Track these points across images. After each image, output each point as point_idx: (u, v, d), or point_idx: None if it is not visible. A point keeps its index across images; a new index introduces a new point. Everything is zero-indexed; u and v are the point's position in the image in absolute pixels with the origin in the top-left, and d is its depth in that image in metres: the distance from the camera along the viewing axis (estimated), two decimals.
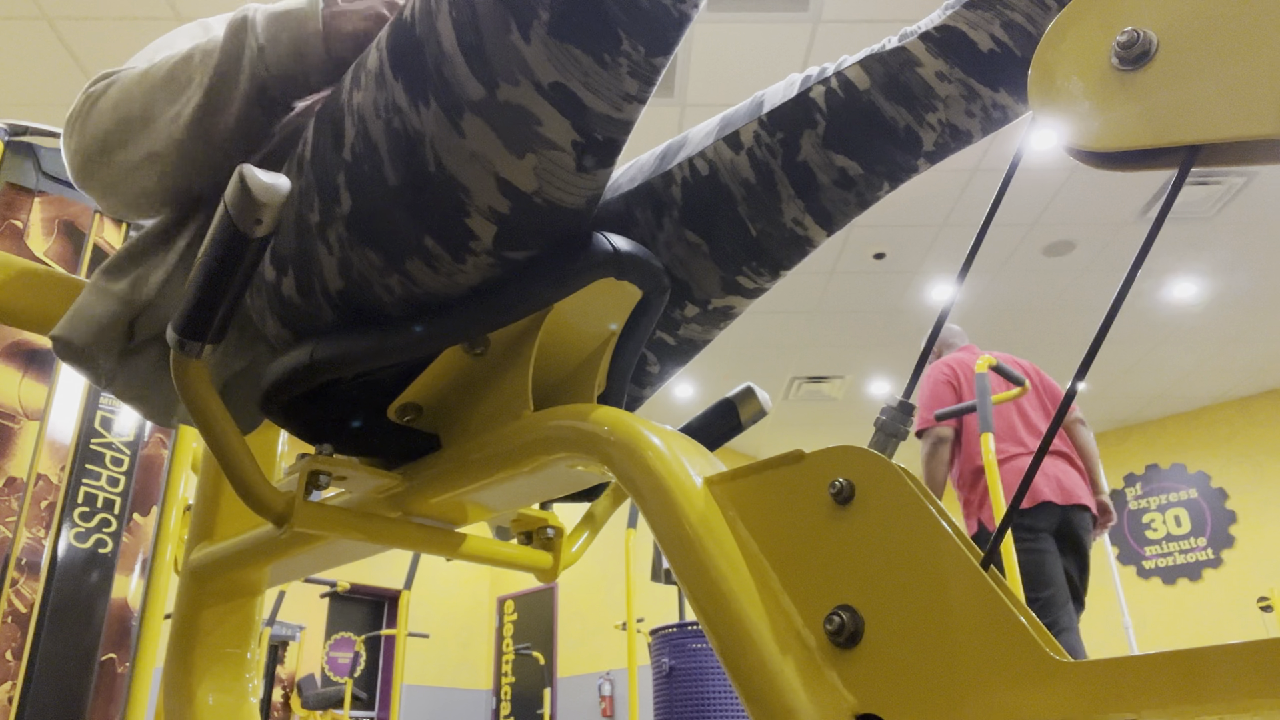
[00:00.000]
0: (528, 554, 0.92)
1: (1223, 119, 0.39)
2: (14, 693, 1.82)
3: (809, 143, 0.72)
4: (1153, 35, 0.42)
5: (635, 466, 0.57)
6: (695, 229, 0.75)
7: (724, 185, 0.74)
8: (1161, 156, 0.41)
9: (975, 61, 0.69)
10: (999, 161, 4.65)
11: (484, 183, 0.62)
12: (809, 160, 0.72)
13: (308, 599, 7.23)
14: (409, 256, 0.66)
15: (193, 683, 0.93)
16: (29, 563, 1.91)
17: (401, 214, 0.64)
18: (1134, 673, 0.37)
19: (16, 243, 2.06)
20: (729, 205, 0.74)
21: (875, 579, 0.46)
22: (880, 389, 7.39)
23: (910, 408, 0.56)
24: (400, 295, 0.69)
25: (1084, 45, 0.44)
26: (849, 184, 0.73)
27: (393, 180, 0.64)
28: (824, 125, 0.71)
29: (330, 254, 0.69)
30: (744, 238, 0.75)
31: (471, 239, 0.65)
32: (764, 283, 0.79)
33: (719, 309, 0.80)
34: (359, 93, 0.67)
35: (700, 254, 0.75)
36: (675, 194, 0.75)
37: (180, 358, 0.68)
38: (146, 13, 3.75)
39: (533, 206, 0.64)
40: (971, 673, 0.41)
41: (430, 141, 0.62)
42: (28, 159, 2.13)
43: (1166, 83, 0.41)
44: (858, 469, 0.49)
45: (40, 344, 2.05)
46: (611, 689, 7.37)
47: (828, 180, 0.73)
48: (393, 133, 0.63)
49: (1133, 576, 7.82)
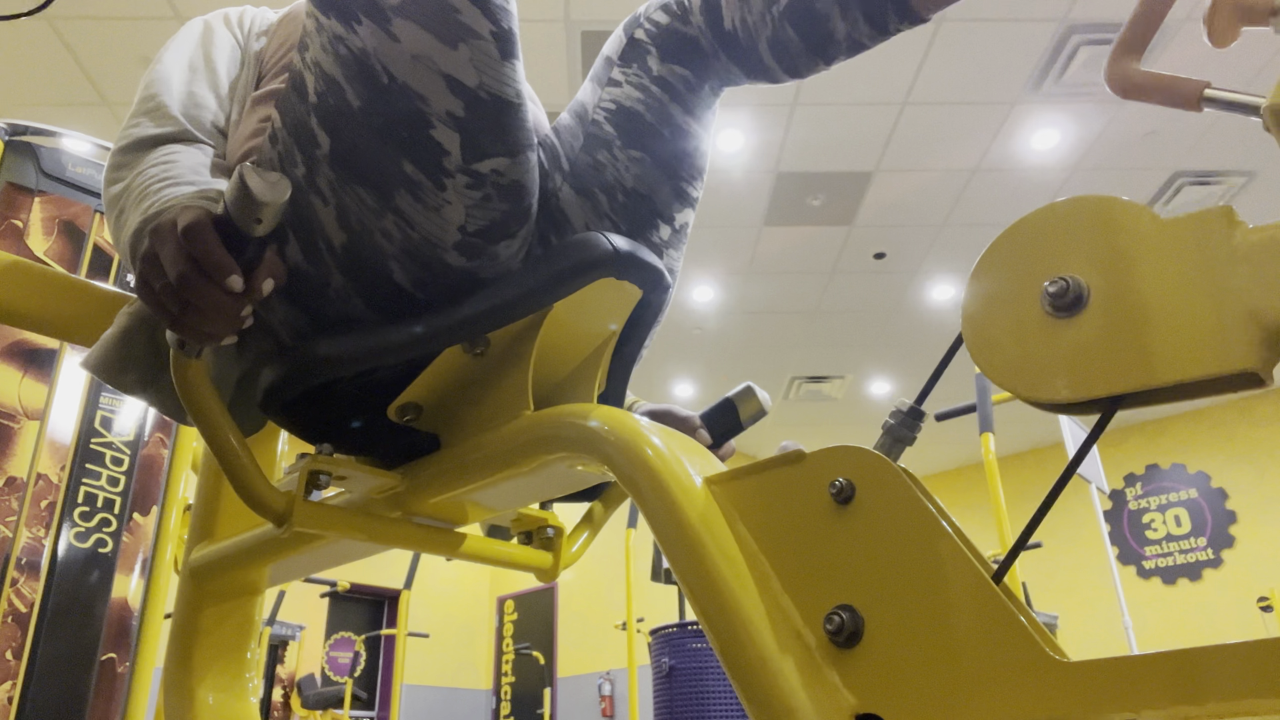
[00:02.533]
0: (528, 554, 0.92)
1: (1150, 369, 0.40)
2: (14, 692, 1.82)
3: (655, 63, 0.88)
4: (1085, 284, 0.43)
5: (635, 466, 0.57)
6: (635, 146, 0.85)
7: (630, 109, 0.86)
8: (1091, 404, 0.43)
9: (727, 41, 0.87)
10: (999, 161, 4.65)
11: (434, 84, 0.68)
12: (664, 74, 0.87)
13: (308, 599, 7.23)
14: (395, 189, 0.70)
15: (193, 682, 0.93)
16: (29, 562, 1.91)
17: (375, 140, 0.69)
18: (1134, 673, 0.37)
19: (16, 242, 2.06)
20: (640, 122, 0.86)
21: (875, 579, 0.46)
22: (880, 389, 7.39)
23: (920, 414, 0.56)
24: (400, 242, 0.71)
25: (1011, 289, 0.45)
26: (695, 86, 0.89)
27: (356, 102, 0.69)
28: (656, 50, 0.87)
29: (325, 204, 0.71)
30: (666, 144, 0.86)
31: (442, 154, 0.69)
32: (699, 189, 0.91)
33: (682, 226, 0.90)
34: (307, 52, 0.74)
35: (649, 167, 0.85)
36: (609, 130, 0.86)
37: (180, 357, 0.68)
38: (146, 13, 3.75)
39: (481, 103, 0.69)
40: (971, 672, 0.41)
41: (375, 55, 0.68)
42: (28, 159, 2.13)
43: (1097, 335, 0.42)
44: (858, 469, 0.49)
45: (40, 344, 2.05)
46: (611, 689, 7.37)
47: (681, 86, 0.88)
48: (342, 60, 0.70)
49: (1133, 576, 7.82)
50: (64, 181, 2.16)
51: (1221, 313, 0.39)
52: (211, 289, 0.60)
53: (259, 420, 0.88)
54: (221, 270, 0.60)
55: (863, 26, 0.83)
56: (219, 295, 0.61)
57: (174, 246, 0.61)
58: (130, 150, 0.87)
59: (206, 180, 0.81)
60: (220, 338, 0.64)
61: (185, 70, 0.95)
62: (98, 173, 2.22)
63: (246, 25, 1.03)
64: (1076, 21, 3.84)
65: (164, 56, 0.96)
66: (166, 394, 0.84)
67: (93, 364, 0.81)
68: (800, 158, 4.63)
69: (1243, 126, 4.42)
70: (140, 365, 0.82)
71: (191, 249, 0.60)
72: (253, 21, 1.04)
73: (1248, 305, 0.38)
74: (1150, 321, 0.41)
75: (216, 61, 0.97)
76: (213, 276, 0.60)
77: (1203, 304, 0.39)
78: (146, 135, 0.88)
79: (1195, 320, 0.40)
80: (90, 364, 0.81)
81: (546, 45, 3.93)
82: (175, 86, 0.93)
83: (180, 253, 0.61)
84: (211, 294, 0.60)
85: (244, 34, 1.02)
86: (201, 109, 0.93)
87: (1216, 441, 7.69)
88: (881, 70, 4.09)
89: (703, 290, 5.85)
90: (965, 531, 0.47)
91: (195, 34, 1.00)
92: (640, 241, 0.85)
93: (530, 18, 3.76)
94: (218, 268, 0.60)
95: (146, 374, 0.82)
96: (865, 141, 4.52)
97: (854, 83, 4.15)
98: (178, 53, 0.97)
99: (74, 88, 4.13)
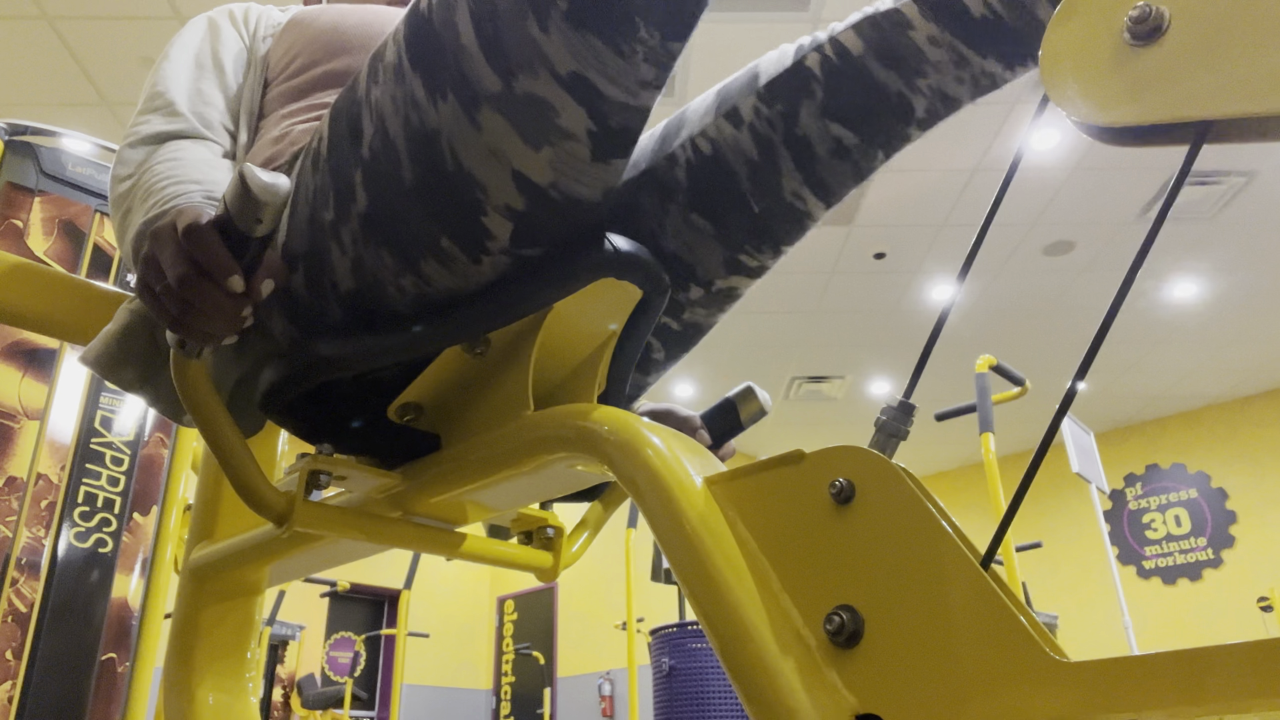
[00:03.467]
0: (528, 554, 0.92)
1: (1235, 95, 0.38)
2: (14, 692, 1.82)
3: (807, 113, 0.73)
4: (1165, 10, 0.41)
5: (635, 466, 0.57)
6: (701, 212, 0.76)
7: (727, 163, 0.75)
8: (1174, 132, 0.41)
9: (966, 27, 0.70)
10: (999, 161, 4.65)
11: (501, 179, 0.62)
12: (807, 132, 0.73)
13: (308, 599, 7.23)
14: (424, 257, 0.66)
15: (193, 682, 0.93)
16: (29, 562, 1.91)
17: (418, 214, 0.64)
18: (1134, 673, 0.37)
19: (16, 242, 2.06)
20: (733, 184, 0.75)
21: (875, 579, 0.46)
22: (880, 389, 7.39)
23: (910, 408, 0.56)
24: (412, 295, 0.69)
25: (1096, 19, 0.43)
26: (845, 154, 0.74)
27: (410, 179, 0.64)
28: (820, 94, 0.73)
29: (344, 254, 0.69)
30: (747, 216, 0.76)
31: (488, 238, 0.65)
32: (766, 260, 0.80)
33: (722, 290, 0.81)
34: (376, 88, 0.66)
35: (706, 236, 0.76)
36: (680, 176, 0.76)
37: (180, 357, 0.68)
38: (146, 12, 3.75)
39: (549, 201, 0.64)
40: (972, 673, 0.41)
41: (447, 138, 0.62)
42: (28, 159, 2.13)
43: (1179, 58, 0.40)
44: (858, 469, 0.49)
45: (40, 344, 2.05)
46: (611, 689, 7.37)
47: (824, 151, 0.74)
48: (410, 129, 0.63)
49: (1133, 576, 7.82)
50: (64, 181, 2.16)
51: None
52: (212, 289, 0.60)
53: (259, 420, 0.87)
54: (222, 271, 0.59)
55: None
56: (219, 296, 0.60)
57: (174, 248, 0.61)
58: (137, 146, 0.86)
59: (213, 179, 0.80)
60: (221, 338, 0.64)
61: (192, 67, 0.94)
62: (98, 172, 2.22)
63: (253, 24, 1.02)
64: None
65: (170, 53, 0.95)
66: (164, 392, 0.83)
67: (91, 359, 0.80)
68: None
69: None
70: (139, 362, 0.81)
71: (192, 250, 0.60)
72: (258, 21, 1.03)
73: None
74: (1238, 44, 0.39)
75: (224, 60, 0.97)
76: (213, 277, 0.60)
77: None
78: (154, 132, 0.87)
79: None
80: (89, 359, 0.81)
81: None
82: (183, 83, 0.92)
83: (180, 254, 0.60)
84: (211, 294, 0.60)
85: (250, 33, 1.01)
86: (209, 106, 0.92)
87: (1216, 441, 7.69)
88: None
89: None
90: (965, 531, 0.47)
91: (201, 31, 0.99)
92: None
93: None
94: (218, 268, 0.59)
95: (145, 371, 0.82)
96: None
97: None
98: (184, 49, 0.96)
99: (74, 88, 4.13)
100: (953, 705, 0.41)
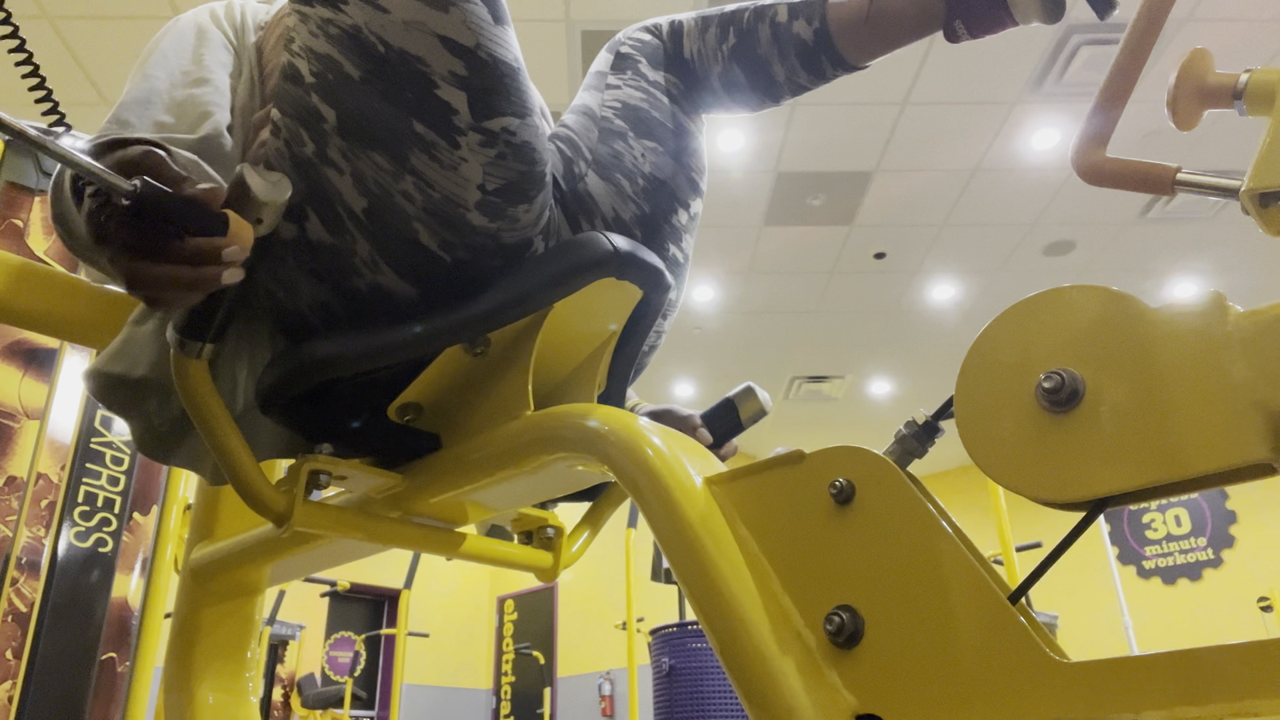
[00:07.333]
0: (528, 553, 0.92)
1: (1155, 463, 0.40)
2: (14, 692, 1.82)
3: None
4: (1079, 377, 0.42)
5: (635, 466, 0.57)
6: (646, 137, 0.91)
7: (634, 106, 0.92)
8: (1078, 505, 0.44)
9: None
10: (999, 161, 4.65)
11: (430, 45, 0.70)
12: (656, 79, 0.96)
13: (308, 598, 7.23)
14: (409, 149, 0.71)
15: (193, 682, 0.93)
16: (29, 562, 1.91)
17: (381, 104, 0.71)
18: (1134, 673, 0.37)
19: (17, 242, 2.06)
20: (647, 116, 0.92)
21: (875, 579, 0.46)
22: (880, 389, 7.39)
23: (935, 430, 0.55)
24: (422, 203, 0.72)
25: (1007, 383, 0.44)
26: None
27: (356, 72, 0.71)
28: (645, 60, 0.96)
29: (341, 173, 0.72)
30: (673, 138, 0.92)
31: (451, 113, 0.71)
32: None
33: (695, 214, 0.94)
34: (296, 41, 0.75)
35: (660, 155, 0.91)
36: (619, 123, 0.90)
37: (180, 357, 0.68)
38: (146, 12, 3.75)
39: (483, 64, 0.71)
40: (971, 673, 0.41)
41: (367, 28, 0.70)
42: (28, 158, 2.13)
43: (1093, 429, 0.41)
44: (858, 469, 0.49)
45: (40, 344, 2.05)
46: (611, 688, 7.37)
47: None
48: (334, 39, 0.72)
49: (1133, 576, 7.82)
50: None
51: (1227, 405, 0.38)
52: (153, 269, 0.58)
53: (277, 443, 0.83)
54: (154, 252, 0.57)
55: (801, 72, 0.93)
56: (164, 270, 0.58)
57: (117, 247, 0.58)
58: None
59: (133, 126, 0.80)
60: (187, 302, 0.62)
61: (174, 85, 0.86)
62: None
63: (237, 18, 0.95)
64: (1077, 21, 3.84)
65: (147, 70, 0.88)
66: (194, 447, 0.82)
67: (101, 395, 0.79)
68: (800, 157, 4.63)
69: (1242, 128, 4.42)
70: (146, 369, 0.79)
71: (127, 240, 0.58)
72: (242, 13, 0.97)
73: (1252, 396, 0.38)
74: (1153, 417, 0.40)
75: (210, 68, 0.88)
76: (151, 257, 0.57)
77: (1206, 397, 0.39)
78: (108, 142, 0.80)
79: (1201, 414, 0.39)
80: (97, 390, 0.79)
81: (546, 45, 3.93)
82: (156, 106, 0.84)
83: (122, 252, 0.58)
84: (154, 272, 0.58)
85: (236, 29, 0.96)
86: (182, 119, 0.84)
87: None
88: (882, 70, 4.08)
89: (703, 290, 5.85)
90: (965, 531, 0.47)
91: (188, 41, 0.91)
92: (662, 225, 0.87)
93: (530, 17, 3.76)
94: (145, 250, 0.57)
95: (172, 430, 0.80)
96: (865, 141, 4.52)
97: (854, 82, 4.15)
98: (160, 66, 0.88)
99: (74, 88, 4.13)
100: (952, 705, 0.41)
